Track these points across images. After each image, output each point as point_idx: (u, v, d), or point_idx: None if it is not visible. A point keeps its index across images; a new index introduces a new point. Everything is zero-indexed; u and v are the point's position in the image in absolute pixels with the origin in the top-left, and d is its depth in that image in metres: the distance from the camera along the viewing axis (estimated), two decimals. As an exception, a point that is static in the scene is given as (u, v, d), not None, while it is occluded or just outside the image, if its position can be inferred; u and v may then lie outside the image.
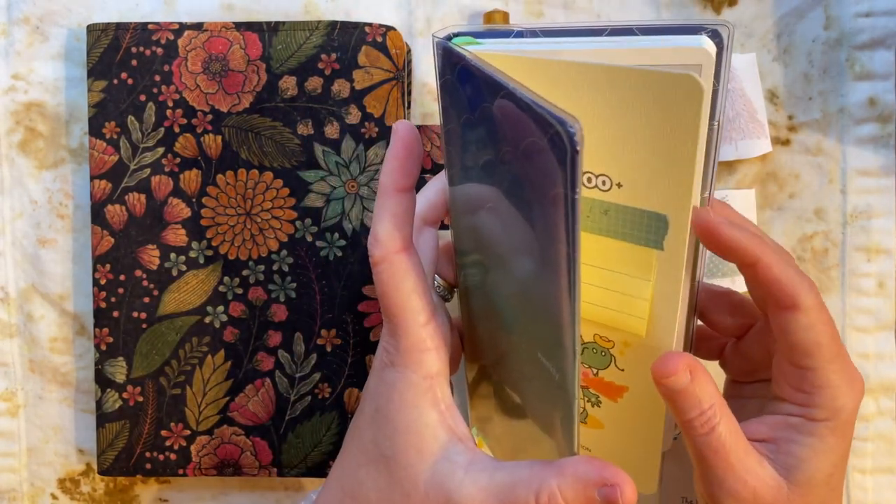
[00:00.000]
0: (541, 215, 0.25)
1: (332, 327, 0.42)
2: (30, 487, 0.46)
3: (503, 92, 0.25)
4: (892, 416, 0.43)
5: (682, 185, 0.28)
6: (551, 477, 0.28)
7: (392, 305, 0.30)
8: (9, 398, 0.46)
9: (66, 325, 0.45)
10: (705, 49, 0.26)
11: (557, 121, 0.22)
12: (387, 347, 0.31)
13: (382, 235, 0.29)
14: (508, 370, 0.32)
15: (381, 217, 0.30)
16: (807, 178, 0.43)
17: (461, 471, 0.29)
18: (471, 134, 0.27)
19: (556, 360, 0.27)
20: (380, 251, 0.30)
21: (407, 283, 0.30)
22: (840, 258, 0.43)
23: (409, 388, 0.30)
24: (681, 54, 0.27)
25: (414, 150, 0.29)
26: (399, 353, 0.30)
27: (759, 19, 0.43)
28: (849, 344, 0.43)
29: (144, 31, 0.42)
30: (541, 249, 0.25)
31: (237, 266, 0.43)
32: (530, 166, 0.25)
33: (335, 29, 0.42)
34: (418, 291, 0.30)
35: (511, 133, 0.25)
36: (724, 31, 0.27)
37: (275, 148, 0.42)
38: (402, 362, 0.30)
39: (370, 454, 0.31)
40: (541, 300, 0.26)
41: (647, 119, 0.27)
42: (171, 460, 0.43)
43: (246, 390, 0.43)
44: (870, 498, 0.44)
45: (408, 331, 0.30)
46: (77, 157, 0.45)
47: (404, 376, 0.30)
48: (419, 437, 0.29)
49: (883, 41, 0.42)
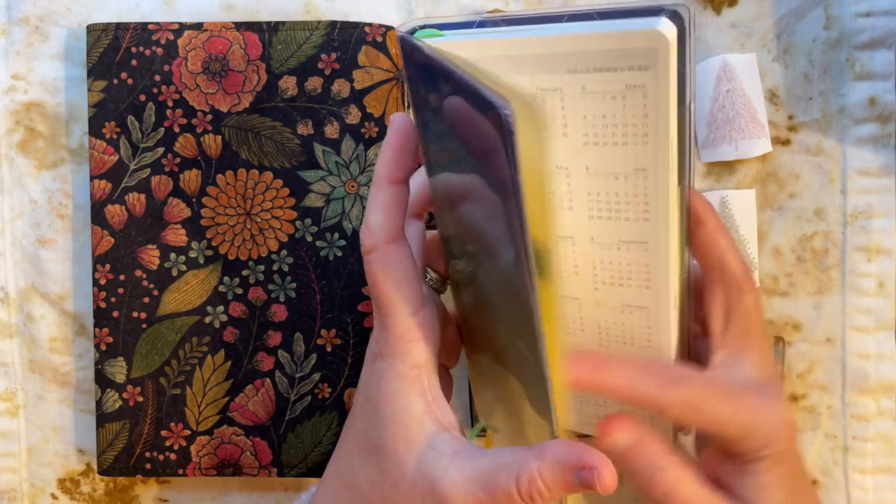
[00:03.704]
0: (503, 201, 0.25)
1: (332, 327, 0.42)
2: (30, 487, 0.46)
3: (452, 79, 0.25)
4: (892, 416, 0.43)
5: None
6: (531, 460, 0.28)
7: (381, 295, 0.30)
8: (9, 398, 0.46)
9: (66, 325, 0.45)
10: (659, 31, 0.26)
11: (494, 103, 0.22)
12: (376, 337, 0.31)
13: (374, 225, 0.30)
14: (503, 359, 0.32)
15: (374, 207, 0.30)
16: (807, 178, 0.43)
17: (446, 460, 0.29)
18: (438, 125, 0.28)
19: (530, 346, 0.27)
20: (371, 241, 0.30)
21: (396, 273, 0.30)
22: (840, 258, 0.43)
23: (397, 377, 0.30)
24: (633, 38, 0.26)
25: (409, 143, 0.30)
26: (387, 343, 0.31)
27: (759, 19, 0.43)
28: (849, 344, 0.43)
29: (144, 31, 0.42)
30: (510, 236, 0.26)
31: (237, 266, 0.43)
32: (484, 153, 0.25)
33: (335, 29, 0.42)
34: (407, 282, 0.30)
35: (465, 122, 0.25)
36: (685, 12, 0.27)
37: (275, 148, 0.42)
38: (390, 352, 0.31)
39: (361, 444, 0.32)
40: (513, 287, 0.27)
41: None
42: (171, 460, 0.43)
43: (246, 390, 0.43)
44: (870, 498, 0.44)
45: (395, 321, 0.30)
46: (77, 157, 0.45)
47: (392, 366, 0.30)
48: (406, 428, 0.30)
49: (883, 41, 0.42)
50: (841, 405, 0.43)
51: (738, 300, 0.33)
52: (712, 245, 0.33)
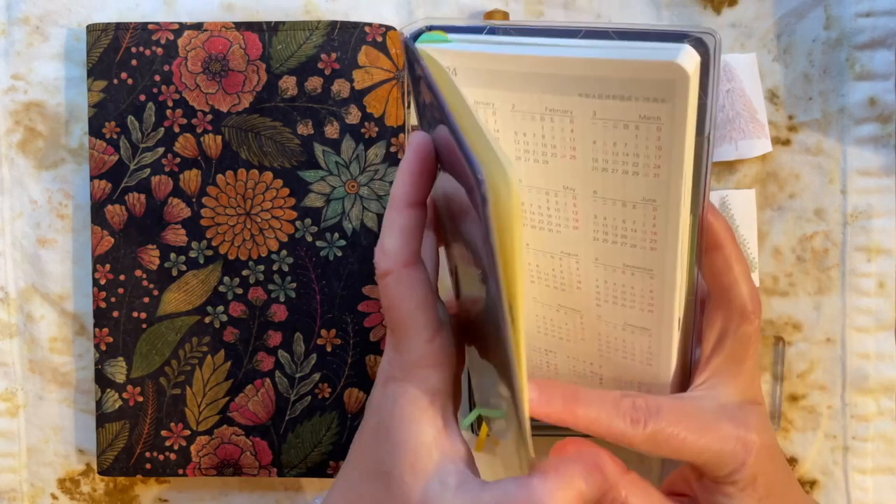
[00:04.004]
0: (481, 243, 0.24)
1: (332, 327, 0.42)
2: (30, 487, 0.46)
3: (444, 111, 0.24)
4: (892, 416, 0.43)
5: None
6: (538, 485, 0.28)
7: (397, 319, 0.30)
8: (9, 398, 0.46)
9: (66, 325, 0.45)
10: (679, 65, 0.24)
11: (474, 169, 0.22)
12: (390, 360, 0.31)
13: (391, 249, 0.29)
14: (492, 358, 0.32)
15: (390, 230, 0.29)
16: (807, 178, 0.43)
17: (450, 493, 0.29)
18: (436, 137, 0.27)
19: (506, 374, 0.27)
20: (387, 264, 0.29)
21: (414, 298, 0.29)
22: (840, 258, 0.43)
23: (410, 403, 0.30)
24: (651, 69, 0.24)
25: (428, 164, 0.29)
26: (402, 367, 0.30)
27: (759, 19, 0.43)
28: (849, 344, 0.43)
29: (144, 31, 0.42)
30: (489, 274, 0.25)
31: (237, 266, 0.43)
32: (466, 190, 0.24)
33: (335, 29, 0.42)
34: (424, 307, 0.30)
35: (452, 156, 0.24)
36: (710, 41, 0.25)
37: (275, 148, 0.42)
38: (405, 377, 0.30)
39: (370, 467, 0.31)
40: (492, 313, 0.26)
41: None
42: (171, 460, 0.43)
43: (246, 390, 0.43)
44: (870, 498, 0.44)
45: (411, 346, 0.30)
46: (77, 157, 0.45)
47: (406, 392, 0.30)
48: (415, 455, 0.29)
49: (883, 41, 0.42)
50: (841, 405, 0.43)
51: (736, 328, 0.33)
52: (725, 272, 0.33)
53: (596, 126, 0.27)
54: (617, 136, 0.26)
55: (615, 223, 0.29)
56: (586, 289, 0.31)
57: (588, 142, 0.27)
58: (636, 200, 0.28)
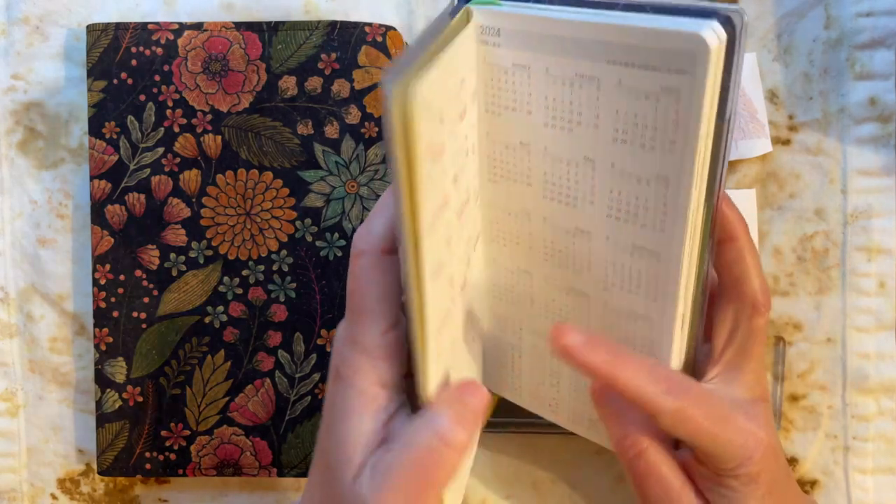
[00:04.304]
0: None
1: (332, 327, 0.42)
2: (30, 487, 0.46)
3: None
4: (893, 416, 0.43)
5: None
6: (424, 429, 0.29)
7: (359, 304, 0.29)
8: (9, 398, 0.46)
9: (66, 325, 0.45)
10: (700, 36, 0.24)
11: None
12: (340, 351, 0.30)
13: (375, 230, 0.29)
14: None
15: (378, 214, 0.30)
16: (807, 178, 0.43)
17: (379, 476, 0.28)
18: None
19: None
20: (365, 244, 0.29)
21: (381, 285, 0.29)
22: (840, 258, 0.43)
23: (356, 396, 0.29)
24: (674, 38, 0.25)
25: None
26: (353, 357, 0.30)
27: (759, 19, 0.43)
28: (849, 344, 0.43)
29: (144, 31, 0.42)
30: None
31: (237, 266, 0.43)
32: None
33: (335, 29, 0.42)
34: (388, 298, 0.29)
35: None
36: (738, 19, 0.25)
37: (275, 148, 0.42)
38: (354, 369, 0.29)
39: (320, 461, 0.31)
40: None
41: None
42: (170, 460, 0.43)
43: (246, 390, 0.43)
44: (870, 498, 0.44)
45: (366, 335, 0.29)
46: (77, 157, 0.45)
47: (352, 385, 0.29)
48: (353, 448, 0.29)
49: (883, 41, 0.42)
50: (841, 405, 0.43)
51: (748, 322, 0.33)
52: (738, 263, 0.33)
53: (621, 94, 0.27)
54: (638, 106, 0.27)
55: (629, 199, 0.29)
56: (596, 270, 0.32)
57: (612, 111, 0.28)
58: (650, 177, 0.28)
